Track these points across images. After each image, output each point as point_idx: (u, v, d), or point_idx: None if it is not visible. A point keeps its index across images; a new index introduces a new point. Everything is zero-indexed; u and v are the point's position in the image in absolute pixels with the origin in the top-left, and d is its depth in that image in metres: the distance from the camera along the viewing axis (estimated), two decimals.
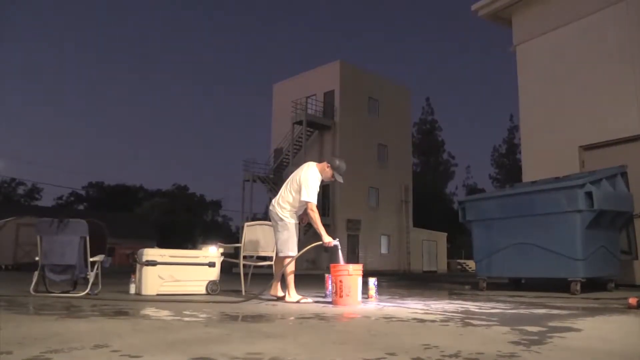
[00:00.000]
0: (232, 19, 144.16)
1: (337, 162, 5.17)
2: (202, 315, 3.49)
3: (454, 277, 18.15)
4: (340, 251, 4.96)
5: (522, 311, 4.03)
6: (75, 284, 5.75)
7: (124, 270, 15.94)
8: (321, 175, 5.11)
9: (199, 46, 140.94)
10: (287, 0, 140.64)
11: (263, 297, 5.36)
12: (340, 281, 4.54)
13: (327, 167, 5.14)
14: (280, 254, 5.09)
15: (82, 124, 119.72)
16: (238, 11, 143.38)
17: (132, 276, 5.89)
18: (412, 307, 4.38)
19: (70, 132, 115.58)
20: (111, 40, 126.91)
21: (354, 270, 4.61)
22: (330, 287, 4.67)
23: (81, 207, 59.16)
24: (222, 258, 6.22)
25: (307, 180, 4.98)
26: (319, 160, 5.41)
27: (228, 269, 7.37)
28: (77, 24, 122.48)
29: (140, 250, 5.95)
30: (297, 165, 24.24)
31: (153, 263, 5.69)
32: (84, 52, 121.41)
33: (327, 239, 4.97)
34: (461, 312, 3.86)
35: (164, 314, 3.62)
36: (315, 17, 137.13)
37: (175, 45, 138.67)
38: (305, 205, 5.02)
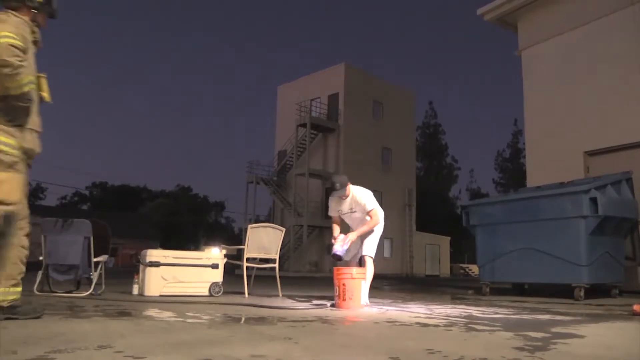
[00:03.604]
0: (237, 20, 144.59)
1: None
2: (205, 317, 3.49)
3: (456, 281, 18.11)
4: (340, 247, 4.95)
5: (525, 317, 4.02)
6: (78, 284, 5.76)
7: (127, 270, 15.96)
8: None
9: (203, 47, 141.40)
10: (293, 2, 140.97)
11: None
12: (344, 284, 4.53)
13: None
14: None
15: (87, 124, 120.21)
16: (243, 13, 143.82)
17: (135, 277, 5.90)
18: (415, 311, 4.37)
19: (75, 131, 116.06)
20: (117, 41, 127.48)
21: (357, 274, 4.61)
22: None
23: (85, 207, 59.32)
24: (225, 260, 6.23)
25: None
26: (323, 163, 5.43)
27: (231, 270, 7.37)
28: (81, 23, 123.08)
29: (144, 251, 5.96)
30: (301, 167, 24.23)
31: (156, 264, 5.70)
32: (89, 51, 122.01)
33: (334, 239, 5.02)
34: (464, 317, 3.85)
35: (167, 315, 3.62)
36: (320, 20, 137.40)
37: (180, 46, 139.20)
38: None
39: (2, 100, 2.87)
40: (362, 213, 5.08)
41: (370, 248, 5.09)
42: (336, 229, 5.15)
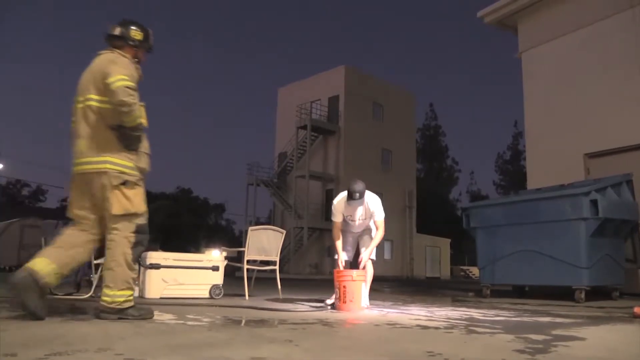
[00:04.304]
0: (237, 22, 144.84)
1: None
2: (205, 319, 3.49)
3: (457, 283, 18.10)
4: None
5: (526, 319, 4.01)
6: (78, 286, 5.75)
7: None
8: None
9: (204, 49, 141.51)
10: (293, 5, 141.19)
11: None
12: (344, 287, 4.53)
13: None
14: None
15: None
16: (243, 15, 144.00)
17: (136, 279, 5.89)
18: (415, 313, 4.37)
19: None
20: None
21: (358, 276, 4.61)
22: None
23: None
24: (225, 262, 6.22)
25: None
26: (323, 165, 5.42)
27: (231, 273, 7.37)
28: (79, 24, 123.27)
29: (144, 253, 5.95)
30: (301, 169, 24.19)
31: (156, 266, 5.70)
32: (90, 52, 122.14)
33: (339, 263, 4.91)
34: (465, 320, 3.85)
35: (167, 317, 3.62)
36: (320, 22, 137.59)
37: (180, 47, 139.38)
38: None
39: (117, 130, 3.33)
40: (371, 219, 5.02)
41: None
42: (340, 246, 4.94)
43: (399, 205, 32.27)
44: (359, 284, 4.59)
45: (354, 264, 5.12)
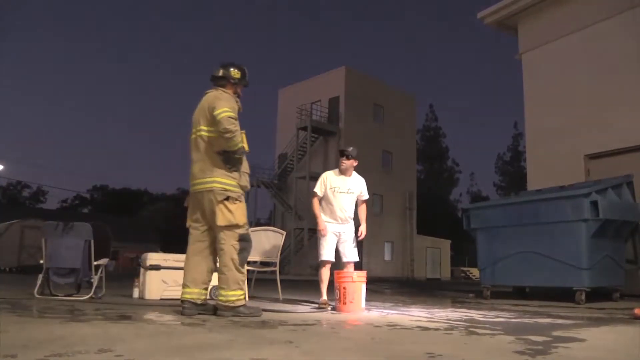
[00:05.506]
0: (237, 22, 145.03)
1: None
2: (205, 321, 3.49)
3: (457, 284, 18.10)
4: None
5: (526, 320, 4.01)
6: (79, 288, 5.74)
7: (127, 274, 15.94)
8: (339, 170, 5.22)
9: (204, 50, 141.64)
10: (293, 4, 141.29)
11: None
12: (344, 288, 4.53)
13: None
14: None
15: (88, 127, 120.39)
16: (243, 15, 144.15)
17: (136, 280, 5.89)
18: (415, 314, 4.37)
19: (76, 135, 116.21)
20: (116, 42, 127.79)
21: (358, 277, 4.61)
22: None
23: (85, 210, 59.24)
24: None
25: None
26: (323, 166, 5.48)
27: None
28: (80, 25, 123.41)
29: (144, 254, 5.95)
30: (302, 170, 24.09)
31: (157, 267, 5.70)
32: (91, 53, 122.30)
33: (321, 225, 5.15)
34: (465, 321, 3.85)
35: (168, 318, 3.62)
36: (320, 23, 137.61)
37: (180, 48, 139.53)
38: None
39: (223, 154, 3.92)
40: (356, 196, 5.20)
41: (355, 253, 5.13)
42: (320, 213, 5.17)
43: (399, 207, 32.28)
44: (359, 285, 4.59)
45: (336, 265, 5.15)
